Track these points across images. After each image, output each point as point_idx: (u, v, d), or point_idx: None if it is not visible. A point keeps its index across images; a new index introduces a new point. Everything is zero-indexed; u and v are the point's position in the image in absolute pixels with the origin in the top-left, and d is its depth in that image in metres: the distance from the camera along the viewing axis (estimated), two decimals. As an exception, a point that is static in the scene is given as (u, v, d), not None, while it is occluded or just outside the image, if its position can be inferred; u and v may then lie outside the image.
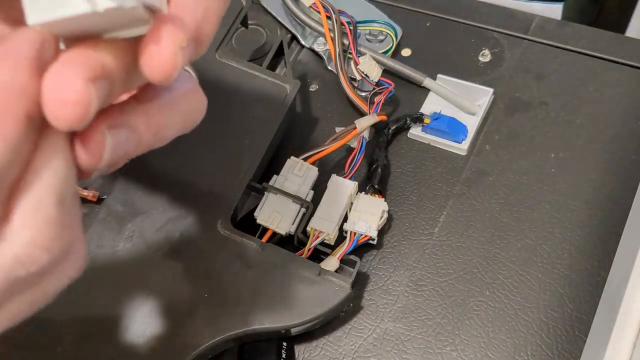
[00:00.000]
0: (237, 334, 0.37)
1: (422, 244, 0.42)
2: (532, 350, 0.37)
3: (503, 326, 0.38)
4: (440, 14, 0.53)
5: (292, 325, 0.37)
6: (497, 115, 0.47)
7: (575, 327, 0.38)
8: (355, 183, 0.42)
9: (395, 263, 0.41)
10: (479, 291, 0.40)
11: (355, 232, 0.40)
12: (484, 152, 0.45)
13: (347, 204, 0.42)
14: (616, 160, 0.44)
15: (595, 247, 0.40)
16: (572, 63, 0.49)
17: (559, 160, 0.44)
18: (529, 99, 0.47)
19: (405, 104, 0.48)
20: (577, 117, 0.46)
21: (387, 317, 0.39)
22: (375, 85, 0.46)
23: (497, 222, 0.42)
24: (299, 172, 0.43)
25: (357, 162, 0.44)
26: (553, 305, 0.38)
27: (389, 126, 0.46)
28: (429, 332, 0.39)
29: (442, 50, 0.51)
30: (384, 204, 0.42)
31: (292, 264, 0.39)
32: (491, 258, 0.41)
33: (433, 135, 0.46)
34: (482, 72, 0.49)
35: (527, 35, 0.51)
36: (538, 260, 0.40)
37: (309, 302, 0.37)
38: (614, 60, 0.48)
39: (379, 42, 0.51)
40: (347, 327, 0.39)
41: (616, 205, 0.42)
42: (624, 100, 0.46)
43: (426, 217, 0.43)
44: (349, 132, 0.44)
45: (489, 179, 0.44)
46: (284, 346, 0.38)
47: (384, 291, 0.40)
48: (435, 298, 0.40)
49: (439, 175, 0.45)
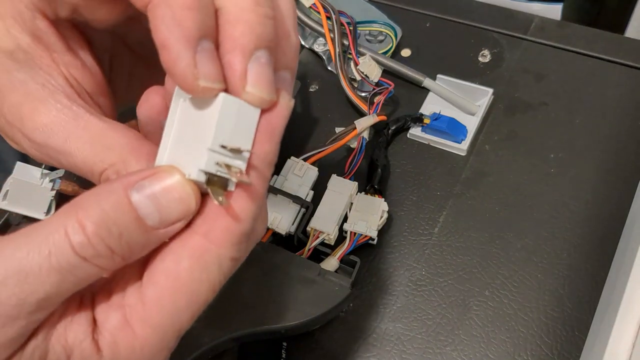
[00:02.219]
0: (237, 334, 0.37)
1: (422, 244, 0.42)
2: (531, 350, 0.37)
3: (503, 326, 0.38)
4: (440, 14, 0.53)
5: (292, 325, 0.37)
6: (497, 115, 0.47)
7: (574, 327, 0.38)
8: (355, 183, 0.42)
9: (395, 263, 0.41)
10: (479, 291, 0.40)
11: (355, 232, 0.41)
12: (484, 152, 0.45)
13: (347, 204, 0.42)
14: (616, 160, 0.44)
15: (595, 247, 0.40)
16: (572, 63, 0.49)
17: (559, 160, 0.44)
18: (529, 99, 0.47)
19: (405, 104, 0.49)
20: (577, 117, 0.46)
21: (387, 317, 0.39)
22: (375, 86, 0.47)
23: (497, 222, 0.42)
24: (299, 172, 0.43)
25: (357, 162, 0.44)
26: (553, 305, 0.39)
27: (389, 126, 0.46)
28: (428, 332, 0.39)
29: (441, 50, 0.51)
30: (384, 204, 0.42)
31: (292, 264, 0.39)
32: (491, 258, 0.41)
33: (433, 135, 0.46)
34: (482, 72, 0.49)
35: (527, 35, 0.51)
36: (538, 260, 0.40)
37: (309, 302, 0.37)
38: (614, 61, 0.48)
39: (378, 42, 0.51)
40: (347, 327, 0.39)
41: (616, 205, 0.42)
42: (623, 100, 0.46)
43: (426, 217, 0.43)
44: (349, 133, 0.44)
45: (488, 179, 0.44)
46: (284, 346, 0.39)
47: (384, 291, 0.40)
48: (435, 298, 0.40)
49: (438, 175, 0.45)
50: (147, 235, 0.22)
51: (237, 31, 0.22)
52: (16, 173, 0.41)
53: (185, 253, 0.22)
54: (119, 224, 0.21)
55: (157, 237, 0.22)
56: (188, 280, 0.22)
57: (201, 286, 0.23)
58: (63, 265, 0.21)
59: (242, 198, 0.22)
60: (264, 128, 0.23)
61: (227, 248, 0.22)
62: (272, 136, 0.23)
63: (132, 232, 0.21)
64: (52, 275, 0.21)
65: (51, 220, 0.21)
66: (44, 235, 0.21)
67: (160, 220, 0.22)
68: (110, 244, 0.21)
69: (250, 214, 0.23)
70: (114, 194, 0.22)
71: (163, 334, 0.23)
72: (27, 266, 0.20)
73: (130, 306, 0.22)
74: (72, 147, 0.25)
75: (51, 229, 0.21)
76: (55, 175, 0.42)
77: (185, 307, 0.23)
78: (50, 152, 0.26)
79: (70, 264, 0.21)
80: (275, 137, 0.23)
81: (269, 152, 0.23)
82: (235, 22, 0.22)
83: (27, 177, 0.41)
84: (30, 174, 0.41)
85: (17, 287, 0.20)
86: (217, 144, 0.22)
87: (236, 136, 0.22)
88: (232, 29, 0.22)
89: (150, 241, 0.22)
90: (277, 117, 0.23)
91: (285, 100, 0.24)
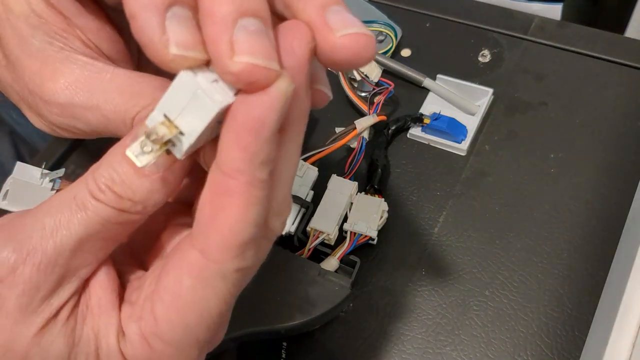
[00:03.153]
0: (237, 334, 0.37)
1: (422, 244, 0.42)
2: (531, 350, 0.37)
3: (503, 326, 0.38)
4: (440, 14, 0.53)
5: (292, 325, 0.37)
6: (497, 115, 0.47)
7: (574, 327, 0.38)
8: (355, 183, 0.42)
9: (395, 263, 0.41)
10: (479, 291, 0.40)
11: (355, 232, 0.41)
12: (484, 152, 0.45)
13: (347, 204, 0.42)
14: (616, 160, 0.44)
15: (595, 247, 0.40)
16: (572, 63, 0.49)
17: (559, 160, 0.44)
18: (529, 99, 0.47)
19: (405, 104, 0.49)
20: (577, 117, 0.46)
21: (387, 317, 0.39)
22: (375, 86, 0.47)
23: (497, 222, 0.42)
24: (299, 172, 0.43)
25: (357, 162, 0.44)
26: (552, 305, 0.39)
27: (389, 126, 0.46)
28: (428, 332, 0.39)
29: (441, 50, 0.51)
30: (384, 204, 0.42)
31: (292, 264, 0.39)
32: (491, 258, 0.41)
33: (433, 135, 0.46)
34: (482, 72, 0.49)
35: (527, 35, 0.51)
36: (538, 260, 0.40)
37: (309, 302, 0.37)
38: (614, 61, 0.48)
39: (378, 42, 0.51)
40: (347, 327, 0.39)
41: (616, 205, 0.42)
42: (623, 100, 0.46)
43: (426, 217, 0.43)
44: (349, 133, 0.44)
45: (488, 179, 0.44)
46: (284, 346, 0.39)
47: (384, 291, 0.40)
48: (435, 298, 0.40)
49: (438, 175, 0.45)
50: (147, 180, 0.22)
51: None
52: (16, 173, 0.41)
53: (185, 271, 0.22)
54: (119, 171, 0.22)
55: (161, 181, 0.22)
56: (191, 299, 0.22)
57: (209, 302, 0.22)
58: (87, 205, 0.22)
59: (233, 206, 0.20)
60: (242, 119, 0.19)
61: (227, 262, 0.21)
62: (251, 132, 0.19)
63: (130, 177, 0.22)
64: (79, 213, 0.22)
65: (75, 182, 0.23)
66: (72, 187, 0.23)
67: (155, 165, 0.22)
68: (115, 190, 0.22)
69: (246, 223, 0.20)
70: (116, 149, 0.22)
71: (178, 348, 0.23)
72: (59, 206, 0.22)
73: (145, 320, 0.23)
74: (99, 100, 0.25)
75: (77, 182, 0.23)
76: (55, 175, 0.42)
77: (197, 323, 0.22)
78: (77, 111, 0.26)
79: (92, 204, 0.22)
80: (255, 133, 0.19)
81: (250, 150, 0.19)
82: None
83: (27, 177, 0.41)
84: (30, 174, 0.41)
85: (54, 230, 0.22)
86: (161, 110, 0.21)
87: (185, 117, 0.20)
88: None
89: (154, 185, 0.22)
90: (261, 106, 0.19)
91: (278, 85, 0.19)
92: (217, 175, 0.20)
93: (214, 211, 0.20)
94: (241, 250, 0.21)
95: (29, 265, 0.21)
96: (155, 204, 0.23)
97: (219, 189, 0.20)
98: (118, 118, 0.25)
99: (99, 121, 0.26)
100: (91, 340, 0.23)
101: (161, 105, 0.21)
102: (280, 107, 0.19)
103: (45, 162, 0.44)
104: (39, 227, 0.22)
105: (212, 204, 0.20)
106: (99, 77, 0.26)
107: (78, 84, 0.26)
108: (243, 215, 0.20)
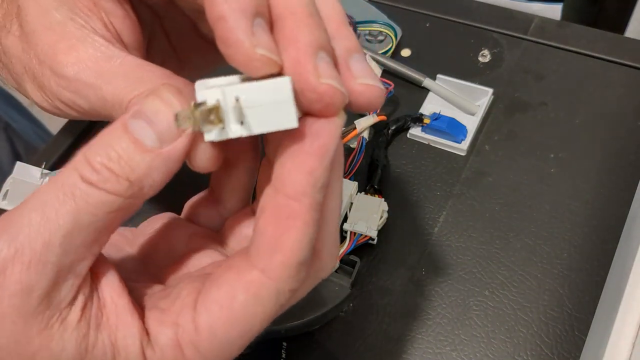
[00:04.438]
0: (237, 334, 0.37)
1: (422, 244, 0.42)
2: (531, 350, 0.37)
3: (502, 326, 0.38)
4: (439, 14, 0.53)
5: (292, 326, 0.37)
6: (497, 115, 0.47)
7: (574, 327, 0.38)
8: (355, 183, 0.42)
9: (395, 263, 0.41)
10: (479, 291, 0.40)
11: (355, 232, 0.40)
12: (484, 152, 0.45)
13: (347, 204, 0.42)
14: (616, 160, 0.44)
15: (595, 247, 0.40)
16: (572, 63, 0.49)
17: (559, 160, 0.44)
18: (529, 99, 0.47)
19: (405, 104, 0.49)
20: (577, 117, 0.46)
21: (387, 317, 0.39)
22: (375, 86, 0.46)
23: (497, 222, 0.42)
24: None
25: (357, 162, 0.44)
26: (552, 305, 0.39)
27: (389, 126, 0.46)
28: (428, 332, 0.39)
29: (441, 50, 0.51)
30: (384, 204, 0.42)
31: (292, 264, 0.39)
32: (491, 258, 0.41)
33: (433, 135, 0.46)
34: (482, 72, 0.49)
35: (527, 35, 0.51)
36: (537, 260, 0.40)
37: (309, 302, 0.37)
38: (613, 61, 0.48)
39: (378, 42, 0.51)
40: (347, 327, 0.39)
41: (616, 205, 0.42)
42: (623, 100, 0.46)
43: (426, 217, 0.43)
44: (349, 132, 0.44)
45: (488, 179, 0.44)
46: (284, 346, 0.39)
47: (384, 291, 0.40)
48: (435, 298, 0.40)
49: (438, 175, 0.45)
50: (148, 156, 0.22)
51: (297, 29, 0.21)
52: (16, 173, 0.41)
53: (241, 286, 0.22)
54: (117, 148, 0.22)
55: (162, 157, 0.22)
56: (242, 314, 0.22)
57: (255, 318, 0.23)
58: (75, 192, 0.21)
59: (297, 227, 0.21)
60: (309, 145, 0.21)
61: (284, 281, 0.22)
62: (317, 157, 0.21)
63: (130, 153, 0.22)
64: (67, 204, 0.21)
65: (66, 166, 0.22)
66: (59, 175, 0.22)
67: (158, 139, 0.22)
68: (111, 167, 0.21)
69: (305, 243, 0.22)
70: (113, 127, 0.22)
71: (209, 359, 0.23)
72: (45, 198, 0.21)
73: (183, 327, 0.23)
74: (104, 81, 0.26)
75: (64, 169, 0.22)
76: (55, 175, 0.42)
77: (238, 338, 0.23)
78: (80, 86, 0.26)
79: (81, 190, 0.21)
80: (320, 159, 0.21)
81: (315, 175, 0.21)
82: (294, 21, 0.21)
83: (27, 177, 0.41)
84: (30, 174, 0.41)
85: (41, 226, 0.21)
86: (233, 92, 0.21)
87: (256, 112, 0.21)
88: (292, 26, 0.21)
89: (155, 162, 0.22)
90: (328, 133, 0.21)
91: (341, 115, 0.22)
92: (281, 198, 0.21)
93: (278, 232, 0.22)
94: (298, 269, 0.22)
95: (17, 265, 0.21)
96: (152, 186, 0.22)
97: (283, 211, 0.21)
98: (116, 101, 0.25)
99: (97, 100, 0.26)
100: (107, 346, 0.22)
101: (237, 88, 0.21)
102: (339, 136, 0.22)
103: (45, 162, 0.43)
104: (25, 223, 0.21)
105: (276, 226, 0.22)
106: (109, 61, 0.26)
107: (88, 63, 0.26)
108: (303, 236, 0.22)
